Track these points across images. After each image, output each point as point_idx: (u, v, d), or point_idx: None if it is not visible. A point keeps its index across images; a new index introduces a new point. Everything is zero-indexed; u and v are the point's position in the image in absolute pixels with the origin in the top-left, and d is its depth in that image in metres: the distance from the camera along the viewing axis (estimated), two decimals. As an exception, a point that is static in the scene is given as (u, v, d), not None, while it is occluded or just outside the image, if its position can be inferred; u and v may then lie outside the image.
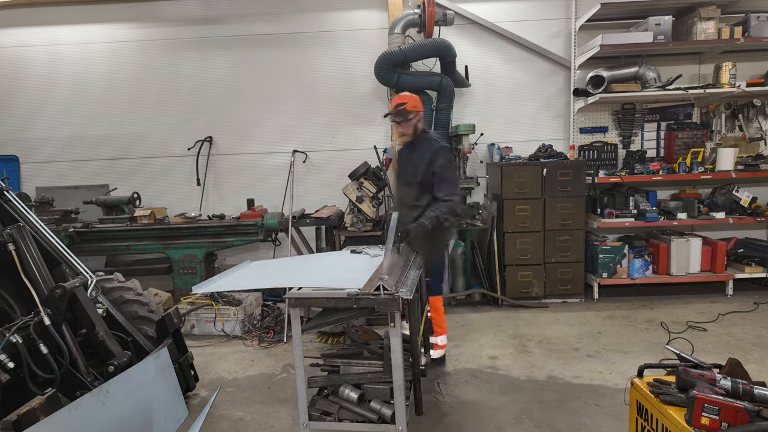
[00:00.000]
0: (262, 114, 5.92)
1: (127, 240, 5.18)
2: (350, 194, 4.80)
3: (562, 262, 5.19)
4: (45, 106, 5.96)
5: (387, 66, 5.18)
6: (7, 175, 3.58)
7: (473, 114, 5.79)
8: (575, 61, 5.55)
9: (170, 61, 5.88)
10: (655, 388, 2.16)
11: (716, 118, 5.58)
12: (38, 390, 2.65)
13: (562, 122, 5.83)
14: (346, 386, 2.73)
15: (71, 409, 2.35)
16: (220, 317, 4.64)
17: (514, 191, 5.15)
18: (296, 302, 2.53)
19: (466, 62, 5.60)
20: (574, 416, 3.03)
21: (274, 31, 5.81)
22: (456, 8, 5.57)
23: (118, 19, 5.82)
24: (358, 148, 5.77)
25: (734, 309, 4.80)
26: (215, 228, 5.20)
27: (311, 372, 2.79)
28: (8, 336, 2.59)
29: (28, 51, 5.89)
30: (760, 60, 5.57)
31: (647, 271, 5.23)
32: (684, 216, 5.17)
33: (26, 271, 2.80)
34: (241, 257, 5.80)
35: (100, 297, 3.14)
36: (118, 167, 6.02)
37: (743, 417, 1.78)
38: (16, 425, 2.15)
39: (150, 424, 2.81)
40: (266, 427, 3.09)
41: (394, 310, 2.38)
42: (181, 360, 3.33)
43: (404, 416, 2.50)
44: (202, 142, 5.92)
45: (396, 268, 2.80)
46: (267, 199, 5.81)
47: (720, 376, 2.01)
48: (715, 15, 5.02)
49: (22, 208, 3.17)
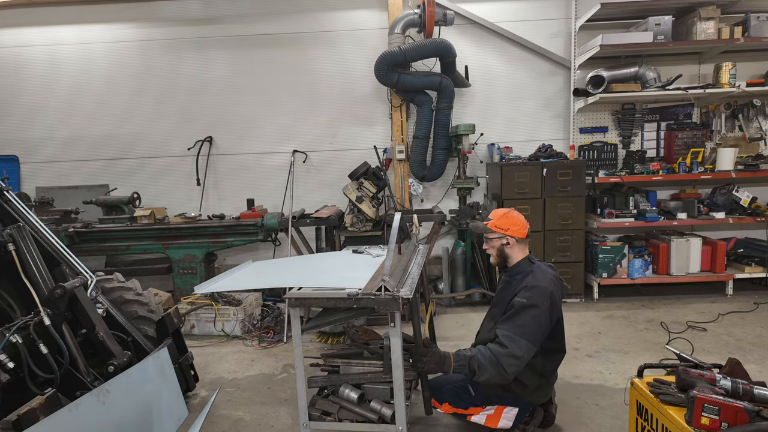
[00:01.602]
0: (262, 114, 5.92)
1: (127, 240, 5.19)
2: (350, 194, 4.79)
3: (562, 262, 5.19)
4: (45, 106, 5.96)
5: (387, 66, 5.18)
6: (7, 175, 3.58)
7: (473, 114, 5.79)
8: (575, 61, 5.55)
9: (170, 61, 5.88)
10: (655, 388, 2.16)
11: (716, 118, 5.58)
12: (38, 390, 2.64)
13: (562, 122, 5.83)
14: (346, 386, 2.73)
15: (71, 409, 2.35)
16: (220, 317, 4.63)
17: (514, 191, 5.15)
18: (296, 302, 2.53)
19: (466, 62, 5.61)
20: (574, 416, 3.03)
21: (274, 31, 5.81)
22: (456, 8, 5.57)
23: (118, 19, 5.82)
24: (358, 148, 5.77)
25: (734, 309, 4.80)
26: (215, 228, 5.20)
27: (311, 372, 2.79)
28: (8, 336, 2.59)
29: (29, 51, 5.89)
30: (760, 60, 5.57)
31: (647, 271, 5.23)
32: (684, 216, 5.17)
33: (26, 271, 2.80)
34: (241, 257, 5.80)
35: (100, 297, 3.14)
36: (118, 167, 6.02)
37: (743, 417, 1.79)
38: (16, 425, 2.14)
39: (150, 424, 2.81)
40: (266, 427, 3.09)
41: (395, 310, 2.38)
42: (181, 360, 3.33)
43: (404, 416, 2.50)
44: (202, 142, 5.92)
45: (398, 269, 2.80)
46: (267, 199, 5.81)
47: (720, 376, 2.01)
48: (715, 15, 5.02)
49: (22, 208, 3.16)
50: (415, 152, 5.55)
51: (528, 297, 2.49)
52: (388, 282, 2.41)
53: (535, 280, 2.57)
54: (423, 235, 5.36)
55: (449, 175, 5.73)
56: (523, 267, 2.71)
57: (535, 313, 2.46)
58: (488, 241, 2.81)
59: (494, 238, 2.76)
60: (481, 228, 2.81)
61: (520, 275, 2.67)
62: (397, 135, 5.72)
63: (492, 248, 2.79)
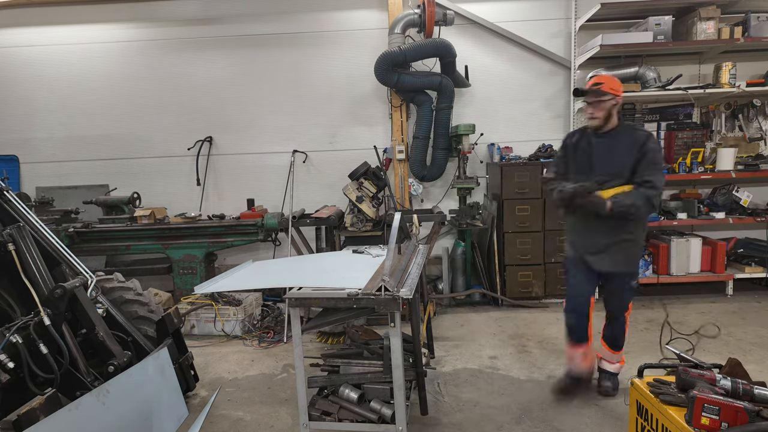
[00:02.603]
0: (262, 114, 5.92)
1: (127, 240, 5.19)
2: (350, 194, 4.80)
3: (563, 262, 5.18)
4: (45, 106, 5.96)
5: (387, 66, 5.18)
6: (7, 175, 3.58)
7: (473, 114, 5.79)
8: (575, 61, 5.55)
9: (170, 61, 5.88)
10: (655, 388, 2.16)
11: (716, 118, 5.58)
12: (38, 390, 2.64)
13: (562, 122, 5.83)
14: (346, 386, 2.73)
15: (71, 409, 2.35)
16: (220, 317, 4.63)
17: (514, 191, 5.15)
18: (296, 302, 2.53)
19: (466, 62, 5.60)
20: (575, 416, 3.03)
21: (273, 31, 5.81)
22: (456, 8, 5.57)
23: (117, 19, 5.82)
24: (358, 148, 5.77)
25: (734, 309, 4.80)
26: (215, 228, 5.20)
27: (311, 372, 2.80)
28: (8, 336, 2.59)
29: (28, 51, 5.89)
30: (760, 60, 5.57)
31: (647, 271, 5.23)
32: (684, 216, 5.17)
33: (26, 271, 2.80)
34: (241, 257, 5.80)
35: (100, 297, 3.14)
36: (118, 167, 6.02)
37: (743, 417, 1.79)
38: (16, 425, 2.15)
39: (150, 424, 2.81)
40: (266, 427, 3.09)
41: (395, 310, 2.39)
42: (181, 360, 3.33)
43: (404, 416, 2.50)
44: (201, 142, 5.92)
45: (398, 269, 2.80)
46: (267, 199, 5.81)
47: (720, 376, 2.01)
48: (715, 15, 5.02)
49: (22, 208, 3.16)
50: (415, 152, 5.55)
51: (655, 142, 2.96)
52: (388, 282, 2.41)
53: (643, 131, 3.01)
54: (423, 235, 5.36)
55: (449, 175, 5.73)
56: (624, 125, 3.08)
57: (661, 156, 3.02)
58: (598, 104, 2.96)
59: (607, 100, 2.95)
60: (597, 92, 2.95)
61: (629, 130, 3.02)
62: (397, 135, 5.72)
63: (601, 110, 2.97)
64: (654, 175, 2.87)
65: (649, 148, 2.88)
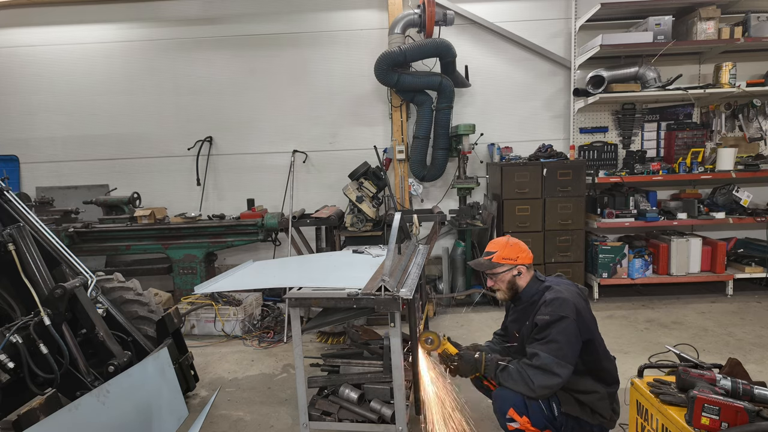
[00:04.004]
0: (262, 114, 5.92)
1: (127, 240, 5.18)
2: (350, 194, 4.80)
3: (562, 262, 5.19)
4: (45, 106, 5.96)
5: (387, 66, 5.18)
6: (7, 175, 3.58)
7: (473, 114, 5.79)
8: (575, 61, 5.55)
9: (170, 61, 5.88)
10: (655, 388, 2.16)
11: (716, 118, 5.58)
12: (38, 390, 2.65)
13: (562, 122, 5.83)
14: (346, 386, 2.73)
15: (71, 409, 2.35)
16: (220, 317, 4.63)
17: (514, 191, 5.14)
18: (296, 302, 2.53)
19: (466, 62, 5.60)
20: (574, 416, 3.02)
21: (273, 31, 5.81)
22: (456, 8, 5.57)
23: (117, 19, 5.82)
24: (358, 148, 5.77)
25: (734, 309, 4.80)
26: (215, 228, 5.19)
27: (311, 372, 2.79)
28: (8, 336, 2.59)
29: (28, 51, 5.89)
30: (760, 60, 5.57)
31: (647, 271, 5.23)
32: (684, 216, 5.17)
33: (26, 271, 2.80)
34: (241, 257, 5.80)
35: (100, 297, 3.14)
36: (118, 167, 6.02)
37: (743, 417, 1.78)
38: (16, 425, 2.15)
39: (150, 424, 2.81)
40: (266, 427, 3.09)
41: (395, 310, 2.38)
42: (181, 360, 3.33)
43: (404, 416, 2.50)
44: (202, 142, 5.92)
45: (398, 269, 2.80)
46: (267, 199, 5.81)
47: (720, 376, 2.01)
48: (715, 15, 5.02)
49: (22, 208, 3.16)
50: (415, 152, 5.55)
51: (550, 312, 2.26)
52: (388, 282, 2.41)
53: (553, 293, 2.34)
54: (423, 235, 5.35)
55: (449, 175, 5.73)
56: (535, 288, 2.47)
57: (562, 327, 2.22)
58: (495, 276, 2.50)
59: (503, 272, 2.48)
60: (487, 264, 2.50)
61: (536, 295, 2.44)
62: (397, 135, 5.72)
63: (501, 282, 2.50)
64: (534, 348, 2.27)
65: (537, 319, 2.31)
